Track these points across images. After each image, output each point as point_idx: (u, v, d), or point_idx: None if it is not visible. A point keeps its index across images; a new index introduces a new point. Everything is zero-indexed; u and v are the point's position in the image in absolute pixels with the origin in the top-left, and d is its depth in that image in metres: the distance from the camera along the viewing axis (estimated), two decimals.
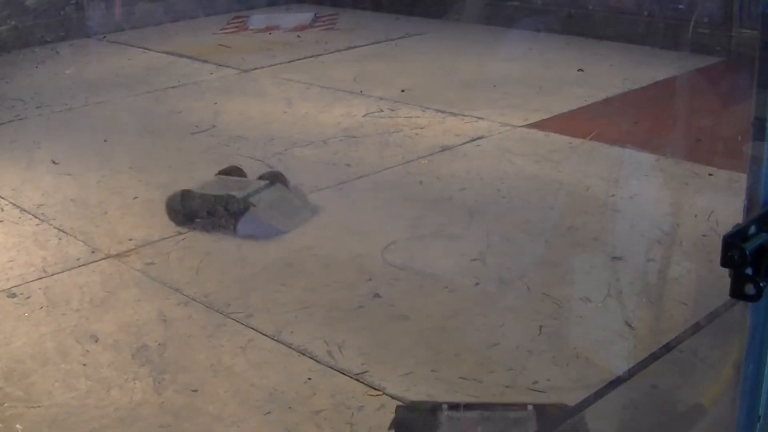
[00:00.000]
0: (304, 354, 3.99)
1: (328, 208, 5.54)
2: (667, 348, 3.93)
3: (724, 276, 1.98)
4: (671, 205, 5.54)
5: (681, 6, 8.95)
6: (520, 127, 6.90)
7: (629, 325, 4.14)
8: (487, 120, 7.05)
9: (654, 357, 3.88)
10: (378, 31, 10.45)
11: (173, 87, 8.43)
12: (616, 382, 3.71)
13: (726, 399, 3.64)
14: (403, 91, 7.91)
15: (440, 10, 10.73)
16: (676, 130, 6.80)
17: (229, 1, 11.82)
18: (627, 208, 5.41)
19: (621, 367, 3.81)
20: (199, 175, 5.97)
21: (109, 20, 10.86)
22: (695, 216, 5.24)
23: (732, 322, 4.05)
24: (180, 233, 5.23)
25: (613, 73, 8.33)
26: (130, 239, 5.18)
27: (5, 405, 3.68)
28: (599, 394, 3.63)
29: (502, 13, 10.25)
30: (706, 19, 8.77)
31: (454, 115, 7.22)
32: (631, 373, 3.77)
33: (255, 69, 8.98)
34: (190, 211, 5.34)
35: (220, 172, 5.72)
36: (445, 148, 6.48)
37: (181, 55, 9.62)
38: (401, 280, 4.64)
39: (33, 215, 5.54)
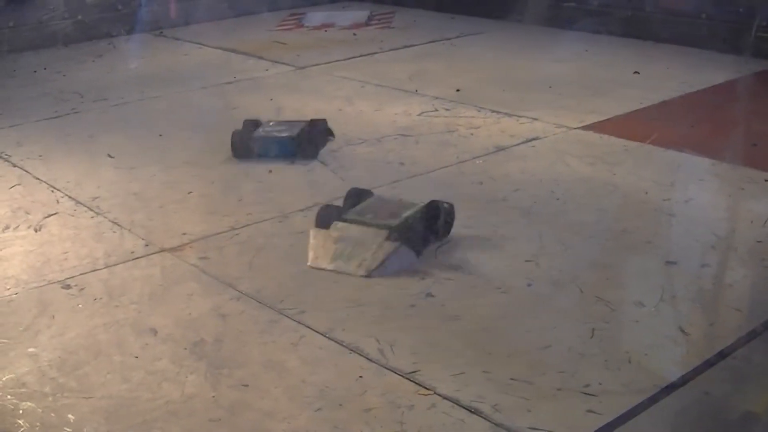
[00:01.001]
0: (355, 352, 3.99)
1: None
2: (721, 355, 3.90)
3: None
4: (726, 210, 5.49)
5: (740, 9, 8.87)
6: (575, 128, 6.86)
7: (682, 331, 4.10)
8: (542, 121, 7.02)
9: (707, 363, 3.85)
10: (434, 30, 10.45)
11: (229, 83, 8.47)
12: (668, 388, 3.69)
13: None
14: (458, 90, 7.90)
15: (498, 10, 10.70)
16: (732, 135, 6.74)
17: None
18: (681, 212, 5.37)
19: (673, 373, 3.78)
20: (254, 171, 6.02)
21: (166, 16, 10.95)
22: (751, 222, 5.19)
23: None
24: (233, 228, 5.26)
25: (670, 75, 8.27)
26: (184, 233, 5.21)
27: (58, 395, 3.72)
28: (652, 399, 3.61)
29: (559, 15, 10.21)
30: (765, 23, 8.68)
31: (509, 115, 7.20)
32: (684, 379, 3.75)
33: (310, 66, 9.01)
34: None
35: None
36: (499, 149, 6.46)
37: (236, 51, 9.68)
38: (454, 279, 4.64)
39: (88, 208, 5.59)
